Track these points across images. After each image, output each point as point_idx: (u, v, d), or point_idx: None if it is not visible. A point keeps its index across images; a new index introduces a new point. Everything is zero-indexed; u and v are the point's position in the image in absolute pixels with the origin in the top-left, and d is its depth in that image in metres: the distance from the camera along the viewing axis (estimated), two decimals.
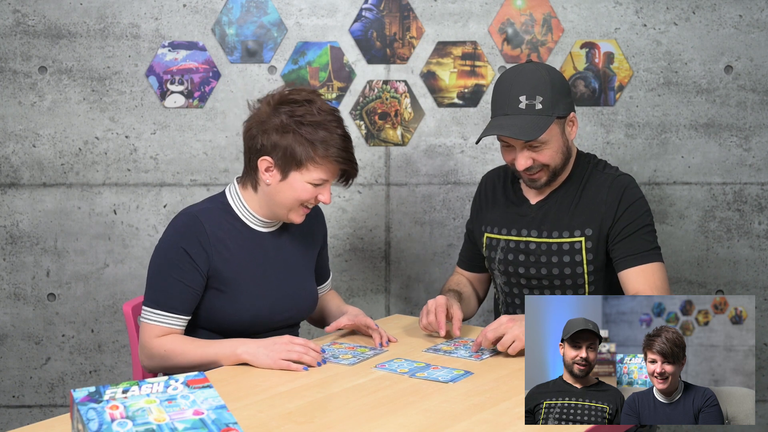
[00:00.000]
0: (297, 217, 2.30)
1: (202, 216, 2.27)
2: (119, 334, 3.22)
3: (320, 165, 2.22)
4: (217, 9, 3.14)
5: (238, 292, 2.27)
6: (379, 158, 3.19)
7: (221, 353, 2.17)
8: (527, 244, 2.47)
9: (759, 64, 3.16)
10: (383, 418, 1.84)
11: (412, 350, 2.29)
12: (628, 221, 2.39)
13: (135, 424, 1.48)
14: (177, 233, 2.25)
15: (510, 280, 2.52)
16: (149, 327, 2.24)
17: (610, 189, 2.42)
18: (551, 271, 2.44)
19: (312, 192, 2.25)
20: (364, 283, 3.24)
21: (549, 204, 2.47)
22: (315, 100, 2.25)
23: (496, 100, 2.40)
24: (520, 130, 2.32)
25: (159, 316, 2.23)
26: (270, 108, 2.25)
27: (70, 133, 3.16)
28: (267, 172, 2.25)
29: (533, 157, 2.37)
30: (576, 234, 2.42)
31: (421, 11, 3.15)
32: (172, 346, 2.21)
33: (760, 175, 3.20)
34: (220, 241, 2.26)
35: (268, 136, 2.22)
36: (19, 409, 3.25)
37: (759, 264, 3.23)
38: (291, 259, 2.39)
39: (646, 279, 2.36)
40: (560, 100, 2.36)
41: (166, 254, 2.25)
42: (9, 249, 3.19)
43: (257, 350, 2.15)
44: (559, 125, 2.38)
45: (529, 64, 2.43)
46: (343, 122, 2.27)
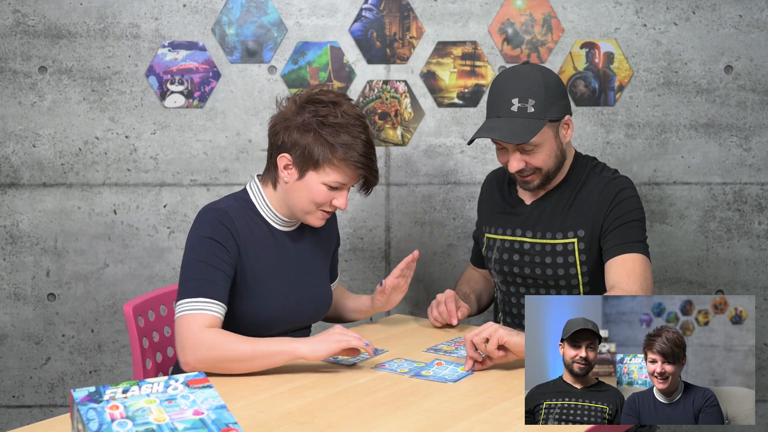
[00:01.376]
0: (314, 220, 2.27)
1: (232, 212, 2.23)
2: (119, 334, 3.22)
3: (338, 168, 2.20)
4: (217, 9, 3.14)
5: (259, 291, 2.25)
6: (379, 158, 3.19)
7: (276, 348, 2.07)
8: (522, 244, 2.48)
9: (759, 64, 3.16)
10: (383, 418, 1.84)
11: (412, 350, 2.29)
12: (617, 215, 2.39)
13: (135, 424, 1.48)
14: (209, 226, 2.19)
15: (506, 279, 2.54)
16: (193, 317, 2.09)
17: (603, 190, 2.42)
18: (545, 272, 2.45)
19: (327, 195, 2.23)
20: (364, 283, 3.24)
21: (544, 205, 2.48)
22: (341, 103, 2.23)
23: (490, 101, 2.41)
24: (510, 134, 2.32)
25: (203, 303, 2.11)
26: (296, 106, 2.24)
27: (70, 133, 3.16)
28: (285, 170, 2.24)
29: (525, 160, 2.38)
30: (569, 235, 2.43)
31: (421, 11, 3.15)
32: (222, 338, 2.07)
33: (760, 175, 3.20)
34: (248, 239, 2.24)
35: (290, 134, 2.22)
36: (19, 409, 3.25)
37: (759, 264, 3.23)
38: (310, 259, 2.38)
39: (626, 267, 2.32)
40: (554, 104, 2.36)
41: (201, 244, 2.17)
42: (9, 249, 3.19)
43: (312, 345, 2.07)
44: (552, 128, 2.37)
45: (525, 66, 2.42)
46: (368, 128, 2.25)
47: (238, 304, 2.24)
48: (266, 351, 2.07)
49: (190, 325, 2.09)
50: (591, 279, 2.44)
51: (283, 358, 2.08)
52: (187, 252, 2.19)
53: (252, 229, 2.26)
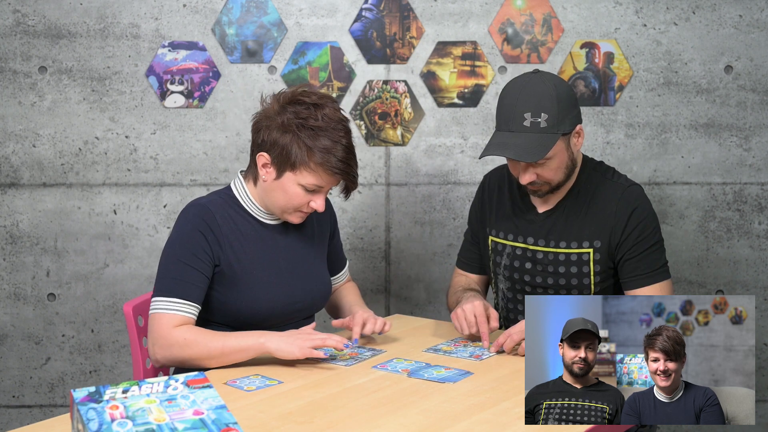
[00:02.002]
0: (293, 218, 2.28)
1: (213, 207, 2.25)
2: (119, 334, 3.22)
3: (314, 171, 2.20)
4: (217, 9, 3.14)
5: (251, 283, 2.26)
6: (379, 158, 3.19)
7: (245, 343, 2.13)
8: (534, 252, 2.44)
9: (759, 64, 3.16)
10: (383, 418, 1.84)
11: (412, 350, 2.29)
12: (638, 239, 2.36)
13: (135, 424, 1.48)
14: (189, 223, 2.22)
15: (514, 286, 2.49)
16: (164, 317, 2.15)
17: (620, 201, 2.38)
18: (558, 281, 2.42)
19: (304, 197, 2.23)
20: (364, 283, 3.24)
21: (557, 214, 2.43)
22: (324, 105, 2.21)
23: (501, 113, 2.35)
24: (524, 151, 2.27)
25: (175, 304, 2.16)
26: (278, 105, 2.24)
27: (70, 133, 3.16)
28: (264, 168, 2.24)
29: (537, 173, 2.33)
30: (584, 245, 2.40)
31: (421, 11, 3.15)
32: (192, 336, 2.13)
33: (760, 175, 3.20)
34: (231, 233, 2.25)
35: (270, 133, 2.22)
36: (19, 409, 3.25)
37: (759, 264, 3.23)
38: (301, 249, 2.37)
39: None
40: (566, 116, 2.31)
41: (179, 243, 2.21)
42: (9, 249, 3.19)
43: (280, 341, 2.12)
44: (564, 141, 2.32)
45: (536, 76, 2.34)
46: (350, 133, 2.23)
47: (231, 298, 2.25)
48: (235, 347, 2.13)
49: (161, 324, 2.16)
50: (603, 289, 2.42)
51: (252, 353, 2.14)
52: (166, 247, 2.23)
53: (237, 222, 2.27)
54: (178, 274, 2.18)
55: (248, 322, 2.26)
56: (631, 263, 2.37)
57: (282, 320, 2.30)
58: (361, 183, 3.19)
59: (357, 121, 3.18)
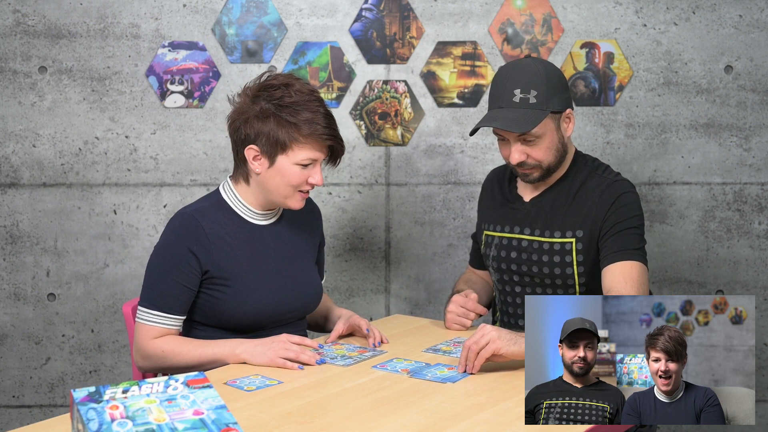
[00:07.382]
0: (294, 203, 2.29)
1: (199, 214, 2.27)
2: (119, 334, 3.22)
3: (305, 144, 2.22)
4: (217, 9, 3.14)
5: (242, 286, 2.27)
6: (379, 158, 3.20)
7: (220, 353, 2.18)
8: (519, 241, 2.48)
9: (759, 64, 3.16)
10: (383, 418, 1.84)
11: (412, 350, 2.29)
12: (616, 220, 2.37)
13: (135, 424, 1.48)
14: (174, 234, 2.25)
15: (503, 277, 2.53)
16: (145, 328, 2.24)
17: (604, 192, 2.40)
18: (542, 270, 2.45)
19: (302, 175, 2.25)
20: (364, 283, 3.24)
21: (542, 202, 2.47)
22: (292, 83, 2.25)
23: (492, 93, 2.42)
24: (512, 123, 2.33)
25: (155, 316, 2.23)
26: (249, 98, 2.27)
27: (70, 133, 3.16)
28: (255, 161, 2.25)
29: (527, 152, 2.37)
30: (567, 235, 2.42)
31: (421, 11, 3.15)
32: (170, 347, 2.21)
33: (760, 175, 3.20)
34: (219, 238, 2.26)
35: (251, 125, 2.24)
36: (19, 409, 3.25)
37: (759, 264, 3.23)
38: (292, 250, 2.38)
39: (623, 273, 2.31)
40: (555, 95, 2.36)
41: (164, 255, 2.25)
42: (9, 249, 3.19)
43: (255, 349, 2.16)
44: (553, 120, 2.37)
45: (527, 59, 2.44)
46: (323, 102, 2.28)
47: (222, 301, 2.27)
48: (211, 357, 2.19)
49: (141, 334, 2.24)
50: (587, 279, 2.43)
51: (228, 361, 2.18)
52: (152, 256, 2.28)
53: (225, 226, 2.29)
54: (161, 286, 2.23)
55: (240, 324, 2.28)
56: (607, 242, 2.37)
57: (274, 322, 2.31)
58: (361, 183, 3.20)
59: (357, 121, 3.18)
